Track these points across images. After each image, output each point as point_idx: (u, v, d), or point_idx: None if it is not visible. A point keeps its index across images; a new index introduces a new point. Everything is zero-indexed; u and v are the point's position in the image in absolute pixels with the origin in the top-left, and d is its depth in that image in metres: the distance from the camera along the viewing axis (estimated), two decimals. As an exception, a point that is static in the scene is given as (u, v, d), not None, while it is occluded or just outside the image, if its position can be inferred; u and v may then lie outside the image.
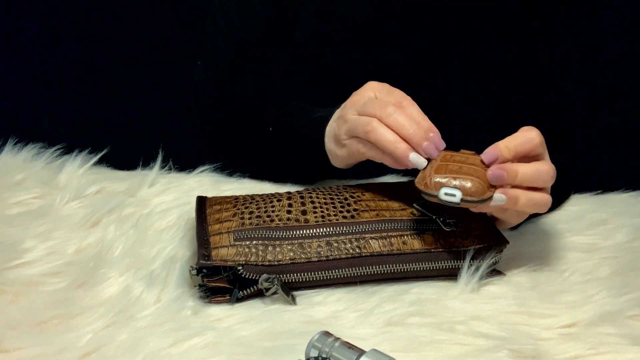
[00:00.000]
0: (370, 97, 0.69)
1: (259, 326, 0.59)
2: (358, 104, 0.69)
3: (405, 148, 0.65)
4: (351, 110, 0.70)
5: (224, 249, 0.63)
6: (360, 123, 0.68)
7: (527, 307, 0.63)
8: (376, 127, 0.66)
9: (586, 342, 0.58)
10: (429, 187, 0.62)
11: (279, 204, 0.69)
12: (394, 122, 0.66)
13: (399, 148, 0.65)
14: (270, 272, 0.63)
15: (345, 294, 0.64)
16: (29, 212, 0.79)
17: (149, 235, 0.75)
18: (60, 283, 0.65)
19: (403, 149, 0.65)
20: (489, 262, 0.66)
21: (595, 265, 0.70)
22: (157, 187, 0.86)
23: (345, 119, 0.70)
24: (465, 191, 0.61)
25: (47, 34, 0.95)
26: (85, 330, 0.58)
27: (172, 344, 0.56)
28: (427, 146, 0.65)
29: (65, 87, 0.96)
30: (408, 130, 0.65)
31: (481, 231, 0.68)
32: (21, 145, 0.91)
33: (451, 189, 0.61)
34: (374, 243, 0.65)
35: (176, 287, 0.64)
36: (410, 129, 0.65)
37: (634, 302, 0.63)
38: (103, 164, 0.91)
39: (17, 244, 0.70)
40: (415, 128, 0.65)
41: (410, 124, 0.65)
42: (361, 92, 0.71)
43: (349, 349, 0.50)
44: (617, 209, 0.83)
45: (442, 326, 0.59)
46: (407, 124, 0.65)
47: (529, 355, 0.56)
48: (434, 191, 0.62)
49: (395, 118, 0.65)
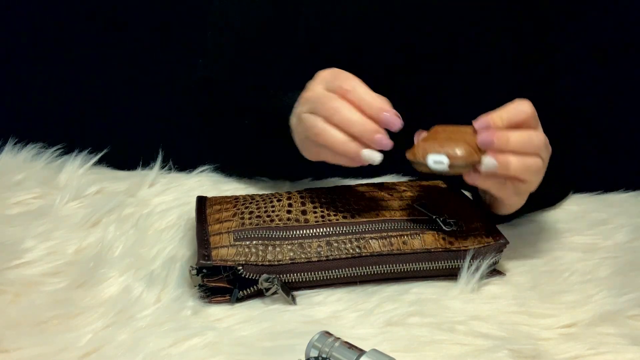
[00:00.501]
0: (318, 90, 0.65)
1: (259, 326, 0.59)
2: (308, 101, 0.65)
3: (355, 147, 0.62)
4: (304, 107, 0.66)
5: (224, 249, 0.63)
6: (308, 125, 0.64)
7: (527, 307, 0.63)
8: (322, 128, 0.63)
9: (586, 342, 0.58)
10: (417, 157, 0.61)
11: (279, 204, 0.69)
12: (340, 121, 0.62)
13: (350, 148, 0.62)
14: (270, 272, 0.63)
15: (345, 294, 0.64)
16: (29, 212, 0.79)
17: (149, 235, 0.75)
18: (60, 283, 0.65)
19: (354, 149, 0.62)
20: (489, 262, 0.66)
21: (595, 265, 0.70)
22: (157, 187, 0.87)
23: (298, 117, 0.67)
24: (452, 156, 0.60)
25: (47, 34, 0.95)
26: (85, 330, 0.58)
27: (172, 344, 0.56)
28: (378, 138, 0.61)
29: (65, 87, 0.96)
30: (355, 127, 0.61)
31: (481, 231, 0.68)
32: (21, 145, 0.91)
33: (439, 155, 0.60)
34: (374, 243, 0.65)
35: (176, 287, 0.64)
36: (357, 125, 0.61)
37: (634, 302, 0.63)
38: (103, 164, 0.91)
39: (17, 244, 0.70)
40: (362, 123, 0.61)
41: (357, 119, 0.61)
42: (311, 86, 0.66)
43: (349, 349, 0.50)
44: (617, 209, 0.83)
45: (442, 326, 0.59)
46: (353, 120, 0.61)
47: (529, 355, 0.56)
48: (421, 159, 0.60)
49: (340, 116, 0.62)
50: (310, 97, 0.66)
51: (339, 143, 0.62)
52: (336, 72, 0.66)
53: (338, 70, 0.66)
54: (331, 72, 0.66)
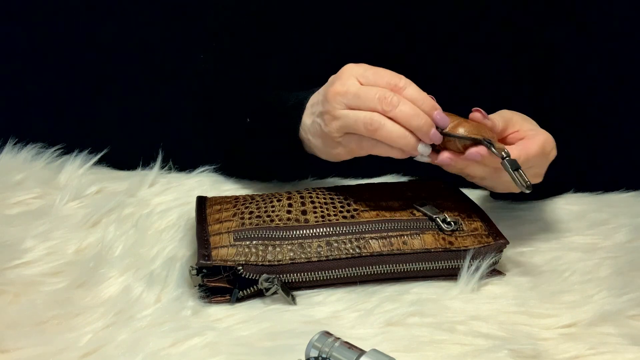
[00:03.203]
0: (355, 85, 0.64)
1: (259, 326, 0.59)
2: (346, 96, 0.64)
3: (414, 141, 0.63)
4: (338, 104, 0.64)
5: (224, 249, 0.63)
6: (359, 120, 0.63)
7: (527, 307, 0.63)
8: (382, 123, 0.62)
9: (586, 342, 0.58)
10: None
11: (279, 204, 0.69)
12: (400, 115, 0.62)
13: (409, 142, 0.63)
14: (270, 272, 0.63)
15: (345, 294, 0.64)
16: (29, 212, 0.79)
17: (149, 235, 0.75)
18: (60, 283, 0.65)
19: (413, 143, 0.63)
20: (489, 262, 0.66)
21: (595, 265, 0.70)
22: (157, 187, 0.87)
23: (333, 114, 0.65)
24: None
25: (47, 33, 0.95)
26: (85, 330, 0.58)
27: (172, 344, 0.56)
28: (433, 134, 0.63)
29: (65, 87, 0.96)
30: (415, 122, 0.62)
31: (481, 231, 0.68)
32: (21, 145, 0.91)
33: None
34: (374, 243, 0.65)
35: (176, 287, 0.64)
36: (417, 120, 0.62)
37: (634, 302, 0.63)
38: (103, 164, 0.91)
39: (17, 244, 0.70)
40: (422, 117, 0.63)
41: (416, 114, 0.62)
42: (342, 81, 0.65)
43: (349, 349, 0.50)
44: (617, 209, 0.83)
45: (442, 326, 0.59)
46: (413, 114, 0.62)
47: (529, 355, 0.56)
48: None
49: (400, 110, 0.62)
50: (345, 92, 0.64)
51: (400, 137, 0.63)
52: (373, 68, 0.65)
53: (371, 66, 0.66)
54: (364, 67, 0.65)
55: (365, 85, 0.64)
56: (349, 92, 0.64)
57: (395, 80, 0.64)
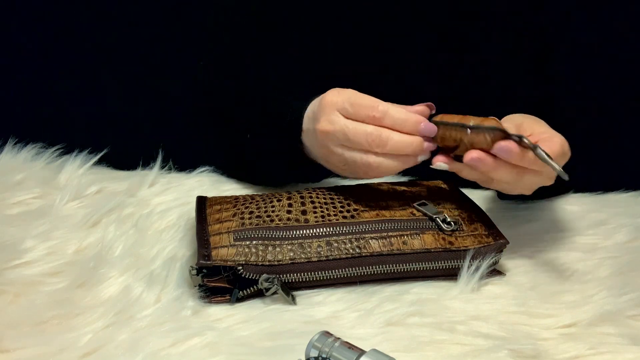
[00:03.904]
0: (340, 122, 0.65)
1: (259, 326, 0.59)
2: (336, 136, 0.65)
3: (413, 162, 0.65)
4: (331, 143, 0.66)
5: (224, 249, 0.63)
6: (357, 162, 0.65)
7: (527, 307, 0.63)
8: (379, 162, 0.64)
9: (586, 342, 0.58)
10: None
11: (279, 204, 0.69)
12: (391, 150, 0.64)
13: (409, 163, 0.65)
14: (270, 272, 0.63)
15: (345, 294, 0.64)
16: (29, 212, 0.79)
17: (149, 235, 0.75)
18: (60, 283, 0.65)
19: (411, 163, 0.65)
20: (489, 262, 0.66)
21: (595, 265, 0.70)
22: (157, 187, 0.87)
23: (330, 151, 0.67)
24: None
25: (47, 33, 0.95)
26: (85, 330, 0.58)
27: (172, 344, 0.56)
28: (427, 147, 0.65)
29: (65, 87, 0.96)
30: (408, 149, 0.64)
31: (481, 231, 0.68)
32: (21, 145, 0.91)
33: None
34: (374, 243, 0.65)
35: (176, 287, 0.64)
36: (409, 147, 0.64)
37: (634, 302, 0.63)
38: (103, 164, 0.91)
39: (17, 244, 0.70)
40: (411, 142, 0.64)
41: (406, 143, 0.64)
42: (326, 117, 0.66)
43: (349, 349, 0.50)
44: (617, 209, 0.83)
45: (442, 326, 0.59)
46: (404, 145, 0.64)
47: (529, 355, 0.56)
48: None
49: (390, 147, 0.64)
50: (335, 132, 0.65)
51: (397, 167, 0.65)
52: (352, 99, 0.65)
53: (350, 94, 0.66)
54: (346, 100, 0.65)
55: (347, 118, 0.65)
56: (338, 133, 0.65)
57: (373, 112, 0.64)
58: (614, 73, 0.92)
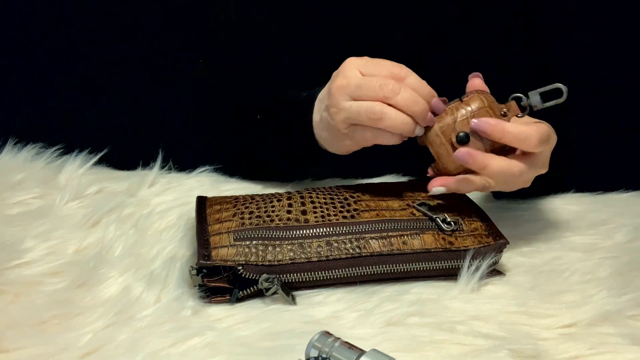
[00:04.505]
0: (357, 76, 0.66)
1: (259, 326, 0.59)
2: (348, 88, 0.66)
3: (412, 126, 0.66)
4: (342, 96, 0.66)
5: (224, 249, 0.63)
6: (362, 111, 0.65)
7: (527, 307, 0.63)
8: (385, 112, 0.65)
9: (586, 342, 0.58)
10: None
11: (279, 204, 0.69)
12: (402, 101, 0.65)
13: (409, 127, 0.65)
14: (270, 272, 0.63)
15: (345, 294, 0.64)
16: (29, 212, 0.79)
17: (149, 235, 0.75)
18: (60, 283, 0.65)
19: (411, 127, 0.66)
20: (489, 262, 0.66)
21: (595, 265, 0.70)
22: (157, 187, 0.87)
23: (338, 107, 0.67)
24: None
25: (47, 33, 0.95)
26: (85, 330, 0.58)
27: (172, 344, 0.56)
28: (430, 117, 0.66)
29: (65, 87, 0.96)
30: (416, 107, 0.65)
31: (481, 231, 0.68)
32: (21, 145, 0.91)
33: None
34: (373, 243, 0.65)
35: (176, 287, 0.64)
36: (417, 106, 0.65)
37: (634, 302, 0.63)
38: (103, 164, 0.91)
39: (17, 244, 0.70)
40: (422, 103, 0.65)
41: (416, 100, 0.65)
42: (344, 73, 0.67)
43: (349, 349, 0.50)
44: (617, 209, 0.83)
45: (442, 326, 0.59)
46: (414, 101, 0.65)
47: (529, 355, 0.56)
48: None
49: (401, 97, 0.65)
50: (347, 84, 0.66)
51: (401, 123, 0.65)
52: (374, 60, 0.67)
53: (371, 58, 0.68)
54: (365, 59, 0.68)
55: (366, 75, 0.67)
56: (351, 84, 0.66)
57: (396, 70, 0.67)
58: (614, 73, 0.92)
